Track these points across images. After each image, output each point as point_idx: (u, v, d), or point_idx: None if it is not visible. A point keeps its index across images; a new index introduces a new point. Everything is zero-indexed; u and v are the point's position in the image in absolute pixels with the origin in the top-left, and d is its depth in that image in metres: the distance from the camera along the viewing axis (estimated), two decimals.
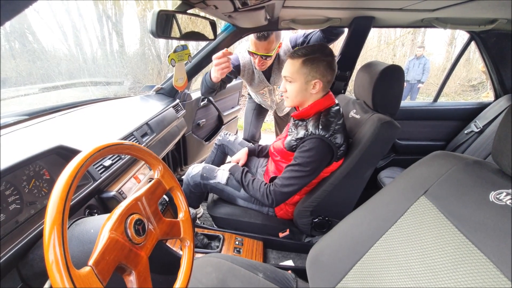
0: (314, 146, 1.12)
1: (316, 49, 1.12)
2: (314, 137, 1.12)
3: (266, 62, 1.68)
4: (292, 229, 1.43)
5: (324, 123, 1.13)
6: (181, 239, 0.72)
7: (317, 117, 1.16)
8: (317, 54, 1.10)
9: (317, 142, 1.12)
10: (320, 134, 1.11)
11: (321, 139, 1.11)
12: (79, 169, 0.49)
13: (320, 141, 1.11)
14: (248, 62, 1.81)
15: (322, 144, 1.12)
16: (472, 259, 0.50)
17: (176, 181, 0.76)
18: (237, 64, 1.80)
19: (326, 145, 1.12)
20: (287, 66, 1.16)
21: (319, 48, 1.12)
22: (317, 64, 1.11)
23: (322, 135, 1.11)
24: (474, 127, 1.86)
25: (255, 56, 1.63)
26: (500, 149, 0.55)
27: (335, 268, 0.75)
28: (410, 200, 0.67)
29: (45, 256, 0.40)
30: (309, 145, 1.13)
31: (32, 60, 5.16)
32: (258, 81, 1.88)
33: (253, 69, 1.83)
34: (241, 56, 1.80)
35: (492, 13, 1.26)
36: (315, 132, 1.12)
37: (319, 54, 1.11)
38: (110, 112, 1.37)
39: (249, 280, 0.85)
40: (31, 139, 0.88)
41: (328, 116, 1.15)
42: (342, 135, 1.14)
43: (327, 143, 1.11)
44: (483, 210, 0.53)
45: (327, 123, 1.13)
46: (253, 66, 1.82)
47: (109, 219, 0.54)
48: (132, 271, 0.53)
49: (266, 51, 1.59)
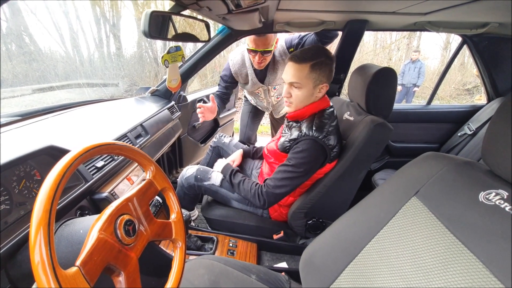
0: (308, 147, 1.12)
1: (321, 52, 1.10)
2: (307, 138, 1.12)
3: (265, 59, 1.69)
4: (286, 231, 1.42)
5: (318, 125, 1.13)
6: (173, 240, 0.72)
7: (311, 118, 1.17)
8: (323, 58, 1.09)
9: (311, 143, 1.12)
10: (314, 135, 1.11)
11: (315, 140, 1.11)
12: (67, 169, 0.49)
13: (314, 142, 1.12)
14: (239, 66, 1.83)
15: (315, 145, 1.12)
16: (462, 259, 0.50)
17: (168, 182, 0.75)
18: (229, 73, 1.85)
19: (319, 146, 1.12)
20: (293, 71, 1.11)
21: (323, 51, 1.11)
22: (325, 68, 1.10)
23: (316, 136, 1.11)
24: (467, 129, 1.87)
25: (255, 53, 1.65)
26: (489, 149, 0.55)
27: (328, 269, 0.75)
28: (401, 201, 0.67)
29: (30, 257, 0.40)
30: (303, 146, 1.13)
31: (28, 62, 5.14)
32: (252, 83, 1.89)
33: (247, 70, 1.84)
34: (231, 64, 1.83)
35: (484, 17, 1.27)
36: (308, 133, 1.13)
37: (325, 58, 1.09)
38: (104, 114, 1.36)
39: (241, 282, 0.85)
40: (23, 140, 0.88)
41: (322, 118, 1.15)
42: (336, 136, 1.14)
43: (321, 145, 1.12)
44: (472, 211, 0.53)
45: (321, 125, 1.13)
46: (246, 68, 1.83)
47: (98, 220, 0.53)
48: (121, 272, 0.53)
49: (265, 47, 1.61)
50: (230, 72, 1.85)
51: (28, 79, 4.94)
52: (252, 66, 1.82)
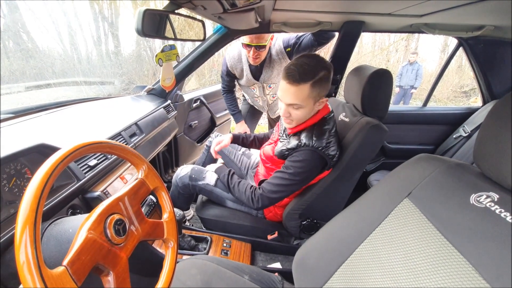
0: (307, 158, 1.09)
1: (319, 66, 1.01)
2: (307, 148, 1.09)
3: (260, 54, 1.71)
4: (280, 232, 1.42)
5: (318, 133, 1.09)
6: (164, 240, 0.72)
7: (311, 127, 1.13)
8: (323, 72, 1.01)
9: (310, 154, 1.09)
10: (314, 146, 1.07)
11: (314, 151, 1.08)
12: (56, 167, 0.48)
13: (313, 153, 1.08)
14: (235, 61, 1.89)
15: (314, 156, 1.09)
16: (452, 261, 0.51)
17: (161, 181, 0.75)
18: (225, 68, 1.93)
19: (318, 157, 1.09)
20: (292, 93, 1.02)
21: (321, 64, 1.02)
22: (325, 83, 1.04)
23: (316, 147, 1.07)
24: (463, 131, 1.88)
25: (249, 48, 1.67)
26: (481, 152, 0.55)
27: (321, 270, 0.75)
28: (394, 202, 0.67)
29: (15, 257, 0.39)
30: (302, 156, 1.09)
31: (25, 59, 5.11)
32: (246, 78, 1.93)
33: (242, 66, 1.89)
34: (228, 58, 1.89)
35: (479, 19, 1.28)
36: (308, 144, 1.08)
37: (324, 72, 1.01)
38: (98, 112, 1.35)
39: (234, 282, 0.85)
40: (14, 137, 0.87)
41: (322, 126, 1.12)
42: (336, 146, 1.11)
43: (320, 155, 1.09)
44: (463, 213, 0.53)
45: (321, 133, 1.10)
46: (242, 63, 1.88)
47: (88, 219, 0.53)
48: (110, 272, 0.52)
49: (259, 41, 1.64)
50: (227, 67, 1.92)
51: (25, 77, 4.92)
52: (247, 62, 1.85)
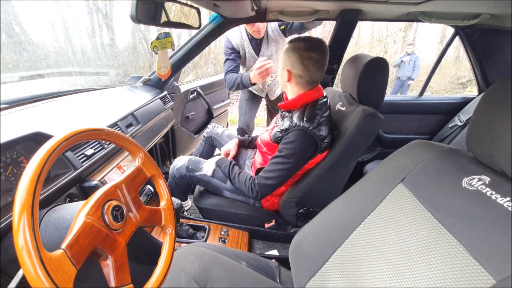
0: (297, 138, 1.12)
1: (303, 41, 1.11)
2: (297, 128, 1.13)
3: (260, 27, 1.86)
4: (278, 220, 1.44)
5: (309, 115, 1.13)
6: (162, 227, 0.72)
7: (303, 109, 1.17)
8: (298, 44, 1.11)
9: (300, 134, 1.12)
10: (304, 126, 1.12)
11: (305, 131, 1.11)
12: (52, 152, 0.48)
13: (303, 133, 1.12)
14: (239, 39, 1.99)
15: (305, 136, 1.12)
16: (444, 242, 0.52)
17: (157, 169, 0.75)
18: (231, 46, 2.00)
19: (309, 137, 1.12)
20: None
21: (308, 41, 1.12)
22: (292, 54, 1.12)
23: (306, 127, 1.11)
24: (458, 121, 1.89)
25: None
26: (473, 136, 0.56)
27: (316, 255, 0.76)
28: (388, 188, 0.68)
29: (14, 241, 0.40)
30: (293, 136, 1.13)
31: (18, 51, 5.02)
32: (249, 54, 2.03)
33: (244, 42, 2.00)
34: (231, 37, 1.99)
35: (476, 7, 1.28)
36: (299, 124, 1.13)
37: (300, 47, 1.11)
38: (94, 102, 1.35)
39: (232, 268, 0.86)
40: (10, 127, 0.86)
41: (313, 108, 1.15)
42: (327, 127, 1.14)
43: (311, 135, 1.12)
44: (456, 196, 0.54)
45: (312, 115, 1.13)
46: (243, 40, 1.98)
47: (85, 205, 0.53)
48: (109, 256, 0.53)
49: None
50: (232, 44, 2.00)
51: (18, 69, 4.84)
52: (248, 38, 1.98)
